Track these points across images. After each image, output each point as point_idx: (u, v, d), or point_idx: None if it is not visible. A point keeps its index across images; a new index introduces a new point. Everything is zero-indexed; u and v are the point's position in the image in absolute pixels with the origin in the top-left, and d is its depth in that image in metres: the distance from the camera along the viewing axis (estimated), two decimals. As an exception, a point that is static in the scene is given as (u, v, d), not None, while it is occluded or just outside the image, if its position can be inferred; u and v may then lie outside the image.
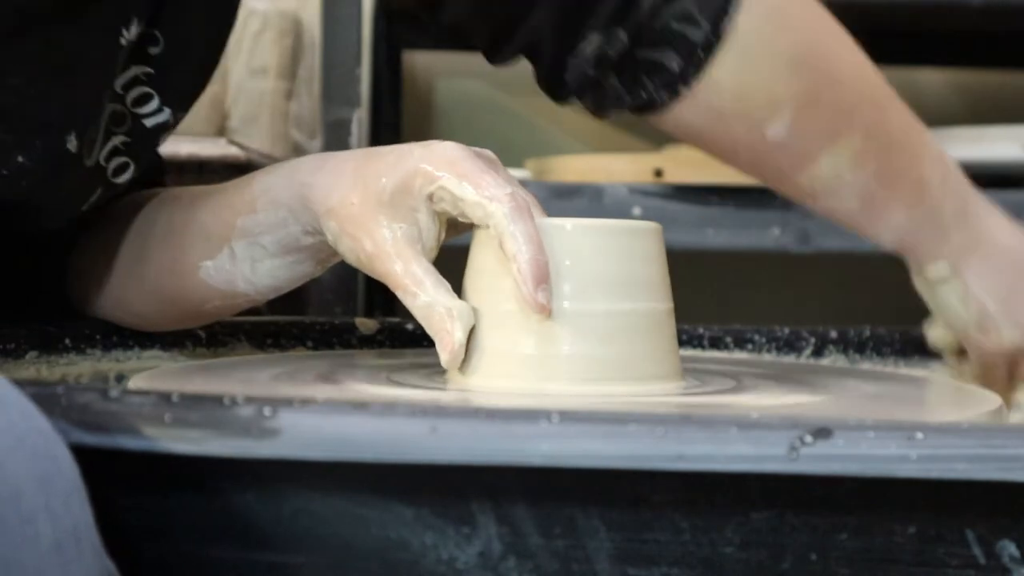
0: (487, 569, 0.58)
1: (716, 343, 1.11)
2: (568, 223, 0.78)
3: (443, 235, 0.80)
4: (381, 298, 1.75)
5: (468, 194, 0.77)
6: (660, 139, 1.92)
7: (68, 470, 0.52)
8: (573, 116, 1.92)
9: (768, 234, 1.62)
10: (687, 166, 1.64)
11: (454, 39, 0.96)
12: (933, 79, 2.16)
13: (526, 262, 0.75)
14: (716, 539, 0.58)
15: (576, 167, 1.64)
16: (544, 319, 0.76)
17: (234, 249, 0.87)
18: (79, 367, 0.93)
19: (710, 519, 0.58)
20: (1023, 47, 2.04)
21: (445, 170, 0.78)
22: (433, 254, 0.80)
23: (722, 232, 1.62)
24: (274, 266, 0.87)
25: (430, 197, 0.78)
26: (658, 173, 1.63)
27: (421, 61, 2.12)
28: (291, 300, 0.84)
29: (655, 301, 0.79)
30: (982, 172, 1.80)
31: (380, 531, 0.58)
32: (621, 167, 1.65)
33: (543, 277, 0.75)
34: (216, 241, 0.88)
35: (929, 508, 0.58)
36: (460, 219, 0.79)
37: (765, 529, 0.58)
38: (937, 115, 2.08)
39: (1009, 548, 0.58)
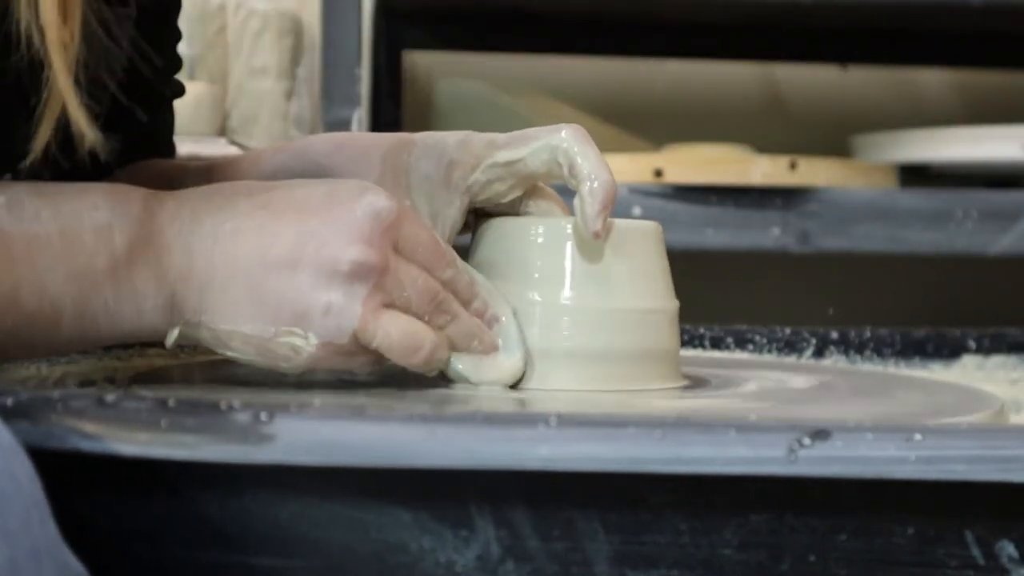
0: (486, 572, 0.58)
1: (717, 343, 1.11)
2: (568, 222, 0.79)
3: (458, 228, 0.81)
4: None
5: (525, 150, 0.78)
6: (660, 139, 1.92)
7: (27, 486, 0.51)
8: (573, 116, 1.93)
9: (768, 234, 1.62)
10: (687, 166, 1.64)
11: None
12: (933, 79, 2.16)
13: (603, 182, 0.76)
14: (715, 540, 0.58)
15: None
16: (549, 310, 0.76)
17: None
18: (80, 366, 0.93)
19: (709, 521, 0.58)
20: (1023, 47, 2.04)
21: (487, 150, 0.79)
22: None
23: (722, 232, 1.62)
24: None
25: (468, 188, 0.79)
26: (658, 173, 1.63)
27: (421, 61, 2.13)
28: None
29: (657, 298, 0.79)
30: (982, 172, 1.80)
31: (378, 534, 0.58)
32: (621, 167, 1.65)
33: (610, 202, 0.76)
34: None
35: (928, 509, 0.58)
36: (510, 188, 0.79)
37: (764, 530, 0.58)
38: (937, 115, 2.08)
39: (1008, 549, 0.58)
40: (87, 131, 0.66)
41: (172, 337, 0.71)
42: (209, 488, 0.58)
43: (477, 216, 0.83)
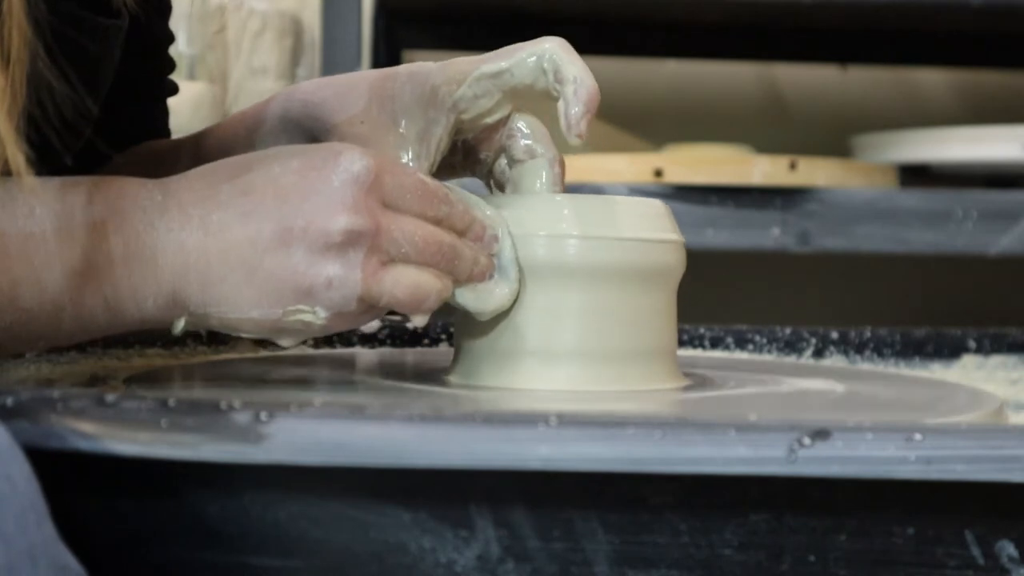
0: (485, 572, 0.58)
1: (717, 343, 1.11)
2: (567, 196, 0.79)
3: (446, 150, 0.81)
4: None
5: (511, 59, 0.79)
6: (660, 139, 1.92)
7: (24, 488, 0.51)
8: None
9: (768, 234, 1.62)
10: (687, 166, 1.64)
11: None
12: (933, 79, 2.16)
13: (588, 87, 0.77)
14: (715, 541, 0.58)
15: (576, 167, 1.64)
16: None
17: None
18: (80, 366, 0.93)
19: (709, 521, 0.58)
20: (1023, 47, 2.04)
21: (472, 65, 0.79)
22: (433, 170, 0.81)
23: (722, 232, 1.62)
24: None
25: (455, 105, 0.79)
26: (658, 173, 1.63)
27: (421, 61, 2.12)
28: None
29: (663, 232, 0.79)
30: (982, 172, 1.80)
31: (378, 535, 0.58)
32: (621, 167, 1.65)
33: (594, 106, 0.77)
34: None
35: (928, 509, 0.58)
36: (496, 104, 0.80)
37: (764, 531, 0.58)
38: (937, 115, 2.08)
39: (1008, 548, 0.58)
40: (25, 175, 0.66)
41: (179, 327, 0.72)
42: (209, 488, 0.58)
43: (466, 153, 0.83)
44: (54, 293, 0.69)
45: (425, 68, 0.81)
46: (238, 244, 0.70)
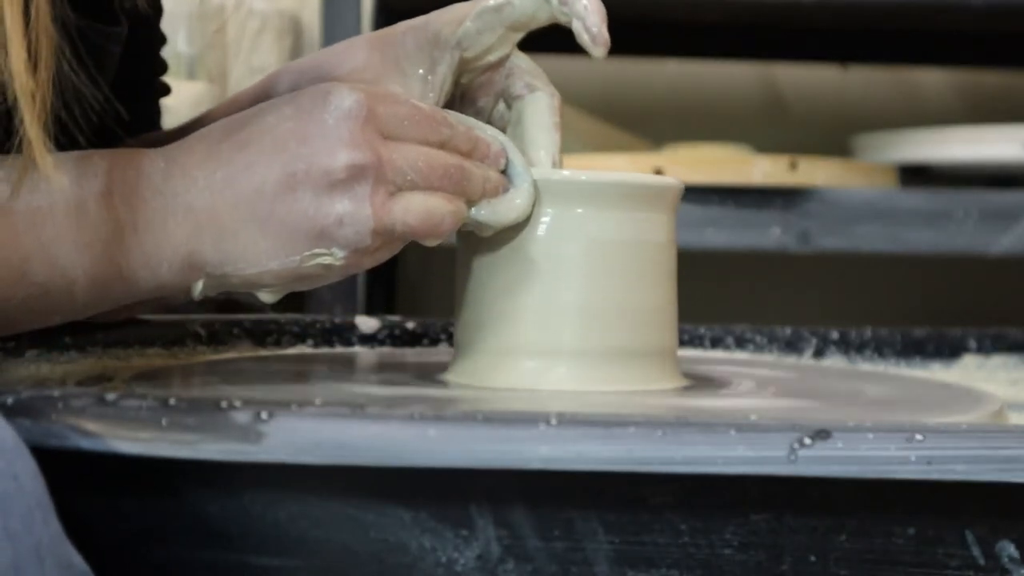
0: (485, 572, 0.58)
1: (717, 343, 1.11)
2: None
3: (450, 91, 0.81)
4: (381, 296, 1.75)
5: None
6: (660, 139, 1.92)
7: (30, 486, 0.51)
8: (573, 116, 1.93)
9: (768, 234, 1.62)
10: (687, 166, 1.64)
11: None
12: (933, 79, 2.16)
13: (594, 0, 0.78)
14: (715, 541, 0.58)
15: (576, 167, 1.64)
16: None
17: None
18: (80, 365, 0.93)
19: (709, 521, 0.58)
20: (1023, 47, 2.04)
21: (470, 7, 0.79)
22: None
23: (722, 232, 1.62)
24: None
25: (458, 43, 0.79)
26: (658, 173, 1.63)
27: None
28: (290, 298, 0.85)
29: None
30: (982, 172, 1.80)
31: (378, 534, 0.58)
32: (621, 167, 1.65)
33: (605, 17, 0.79)
34: None
35: (928, 509, 0.58)
36: (499, 40, 0.80)
37: (764, 531, 0.58)
38: (937, 115, 2.08)
39: (1008, 549, 0.58)
40: (52, 175, 0.66)
41: (197, 290, 0.72)
42: (209, 487, 0.58)
43: (464, 106, 0.83)
44: (65, 266, 0.69)
45: (423, 18, 0.81)
46: (246, 198, 0.70)
